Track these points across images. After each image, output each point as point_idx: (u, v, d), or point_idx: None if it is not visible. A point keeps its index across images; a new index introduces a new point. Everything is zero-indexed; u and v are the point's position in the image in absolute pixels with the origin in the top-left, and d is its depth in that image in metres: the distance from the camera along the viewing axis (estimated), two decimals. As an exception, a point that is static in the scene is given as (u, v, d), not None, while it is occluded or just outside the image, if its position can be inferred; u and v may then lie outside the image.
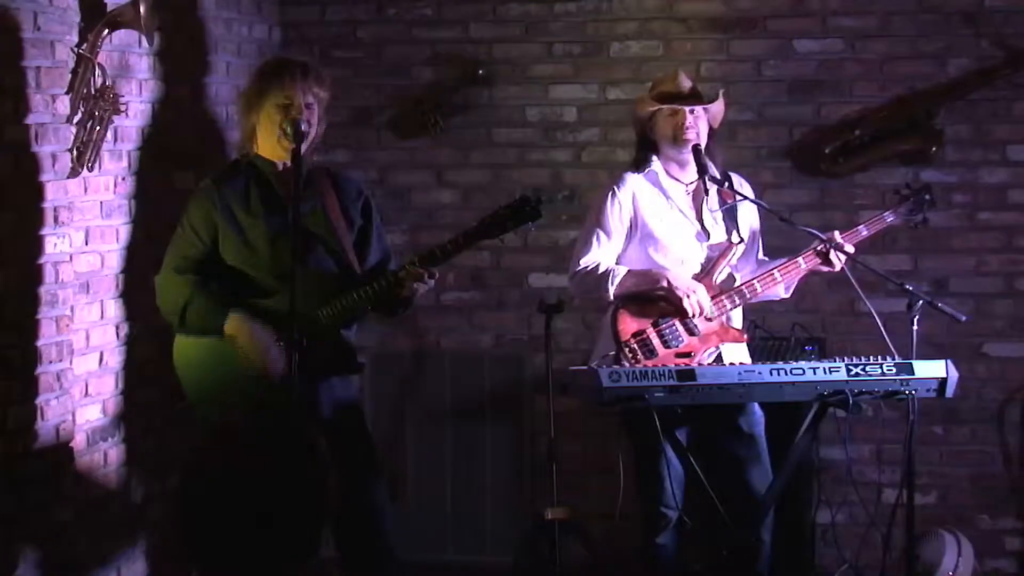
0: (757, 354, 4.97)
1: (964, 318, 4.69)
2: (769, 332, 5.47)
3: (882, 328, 4.53)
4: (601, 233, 4.73)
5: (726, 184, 4.72)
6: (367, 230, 4.46)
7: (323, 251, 4.36)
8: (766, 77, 5.69)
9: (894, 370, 4.42)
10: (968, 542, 5.34)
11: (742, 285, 4.66)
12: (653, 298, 4.63)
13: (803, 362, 4.47)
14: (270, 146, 4.34)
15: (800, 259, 4.67)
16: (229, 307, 4.27)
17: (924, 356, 4.50)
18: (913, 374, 4.43)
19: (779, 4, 5.66)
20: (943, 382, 4.46)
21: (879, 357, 4.46)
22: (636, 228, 4.74)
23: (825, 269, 4.70)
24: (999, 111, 5.55)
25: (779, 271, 4.67)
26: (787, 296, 4.87)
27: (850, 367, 4.41)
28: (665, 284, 4.61)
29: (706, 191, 4.72)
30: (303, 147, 4.27)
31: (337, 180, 4.47)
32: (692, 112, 4.67)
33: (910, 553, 4.76)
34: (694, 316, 4.58)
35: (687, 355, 4.59)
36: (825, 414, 4.59)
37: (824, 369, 4.41)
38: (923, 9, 5.57)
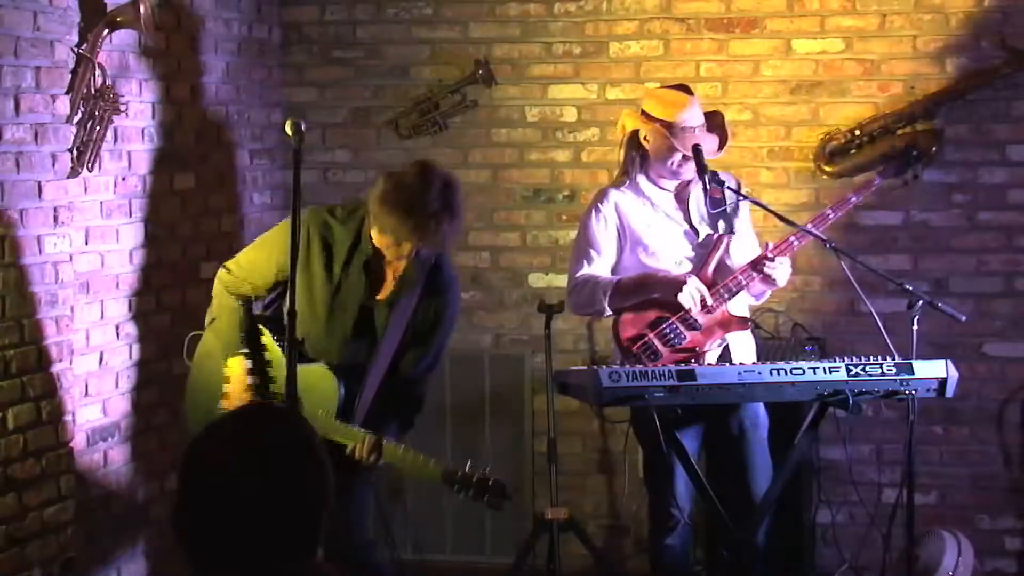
0: (757, 354, 4.96)
1: (964, 318, 4.69)
2: (769, 332, 5.47)
3: (882, 328, 4.52)
4: (590, 249, 4.72)
5: (724, 184, 4.71)
6: (428, 338, 4.32)
7: (371, 343, 4.28)
8: (766, 77, 5.69)
9: (894, 370, 4.41)
10: (968, 542, 5.34)
11: (737, 272, 4.63)
12: (650, 300, 4.63)
13: (803, 362, 4.46)
14: (378, 241, 4.16)
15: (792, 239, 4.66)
16: (245, 345, 4.29)
17: (924, 356, 4.49)
18: (913, 374, 4.42)
19: (779, 4, 5.66)
20: (943, 382, 4.45)
21: (879, 357, 4.45)
22: (626, 238, 4.72)
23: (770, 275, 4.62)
24: (999, 111, 5.55)
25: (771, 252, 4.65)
26: (756, 302, 4.84)
27: (850, 367, 4.41)
28: (657, 286, 4.61)
29: (705, 190, 4.70)
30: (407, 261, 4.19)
31: (437, 279, 4.30)
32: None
33: (910, 553, 4.76)
34: (692, 309, 4.57)
35: (691, 351, 4.59)
36: (825, 414, 4.59)
37: (824, 369, 4.40)
38: (923, 9, 5.57)
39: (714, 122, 4.74)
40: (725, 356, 4.67)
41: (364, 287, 4.24)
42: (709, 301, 4.57)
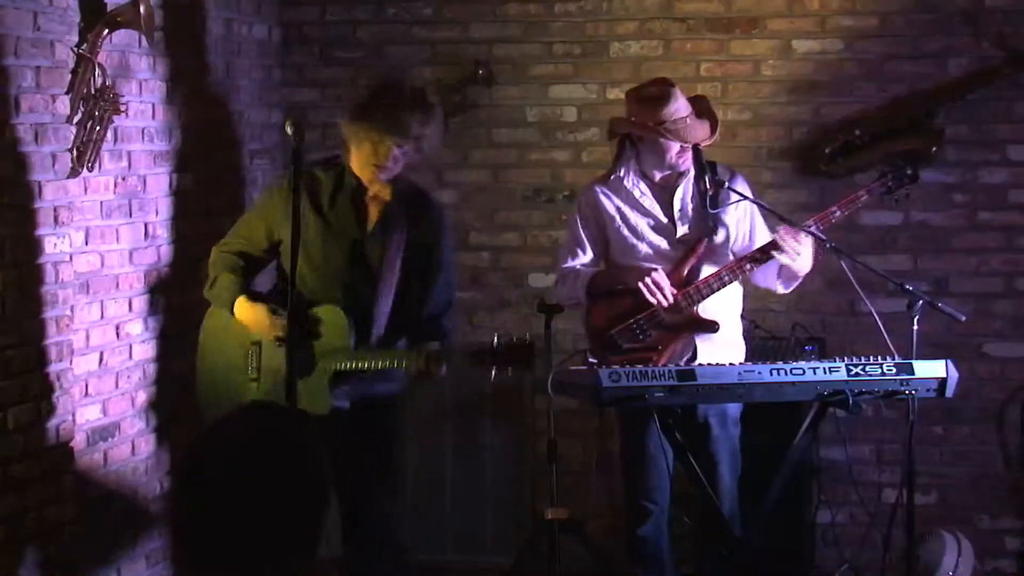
0: (757, 354, 4.96)
1: (964, 318, 4.69)
2: (769, 332, 5.47)
3: (882, 328, 4.53)
4: (574, 245, 4.84)
5: (725, 184, 4.71)
6: (431, 273, 4.47)
7: (368, 280, 4.39)
8: (766, 77, 5.69)
9: (894, 370, 4.42)
10: (968, 542, 5.34)
11: (710, 276, 4.64)
12: (620, 295, 4.66)
13: (803, 362, 4.46)
14: (359, 168, 4.40)
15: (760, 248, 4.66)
16: (244, 292, 4.42)
17: (924, 356, 4.49)
18: (913, 374, 4.42)
19: (779, 4, 5.66)
20: (943, 382, 4.45)
21: (879, 357, 4.45)
22: (607, 233, 4.79)
23: (784, 259, 4.59)
24: (999, 111, 5.55)
25: (748, 261, 4.65)
26: (786, 291, 4.84)
27: (850, 367, 4.41)
28: (627, 278, 4.65)
29: (705, 189, 4.71)
30: (389, 175, 4.36)
31: (421, 209, 4.48)
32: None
33: (910, 553, 4.76)
34: (654, 299, 4.57)
35: (654, 348, 4.59)
36: (825, 414, 4.59)
37: (824, 369, 4.41)
38: (923, 9, 5.57)
39: (701, 107, 4.75)
40: (692, 358, 4.66)
41: (353, 220, 4.39)
42: (669, 299, 4.56)
